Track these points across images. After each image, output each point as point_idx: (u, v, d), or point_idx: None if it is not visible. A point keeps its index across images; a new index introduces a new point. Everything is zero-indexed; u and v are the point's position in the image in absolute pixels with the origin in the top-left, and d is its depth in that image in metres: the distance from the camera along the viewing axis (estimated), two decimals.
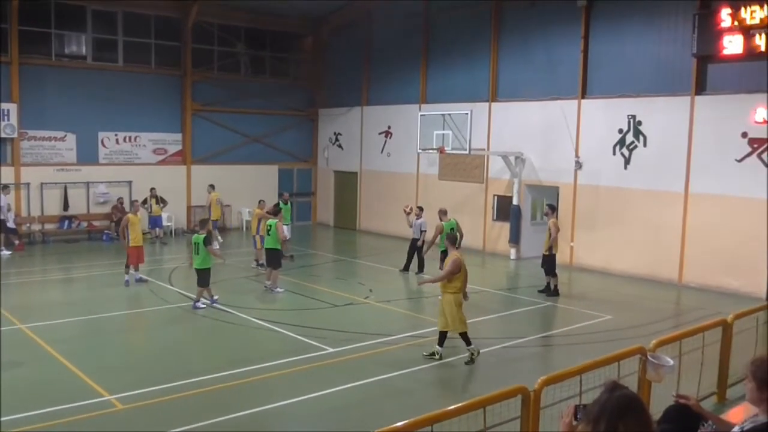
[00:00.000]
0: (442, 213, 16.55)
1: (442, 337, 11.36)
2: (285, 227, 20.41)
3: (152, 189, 23.70)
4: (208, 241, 14.87)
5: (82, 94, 23.93)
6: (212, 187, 24.14)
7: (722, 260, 17.28)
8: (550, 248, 16.26)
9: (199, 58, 26.55)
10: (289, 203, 21.58)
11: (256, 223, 19.51)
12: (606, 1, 19.66)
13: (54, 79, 23.44)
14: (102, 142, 24.68)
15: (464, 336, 11.24)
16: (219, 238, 23.27)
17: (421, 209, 19.10)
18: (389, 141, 26.47)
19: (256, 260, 19.34)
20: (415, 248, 18.64)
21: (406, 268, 18.86)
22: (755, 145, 16.70)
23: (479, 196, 23.14)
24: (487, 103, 22.66)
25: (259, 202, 20.20)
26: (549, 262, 16.42)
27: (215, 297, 14.96)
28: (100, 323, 13.61)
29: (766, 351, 9.11)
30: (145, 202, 23.48)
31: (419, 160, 24.96)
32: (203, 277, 14.67)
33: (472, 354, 11.23)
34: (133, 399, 9.29)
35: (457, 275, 11.16)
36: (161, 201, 23.86)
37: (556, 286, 16.51)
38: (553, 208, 16.92)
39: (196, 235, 14.98)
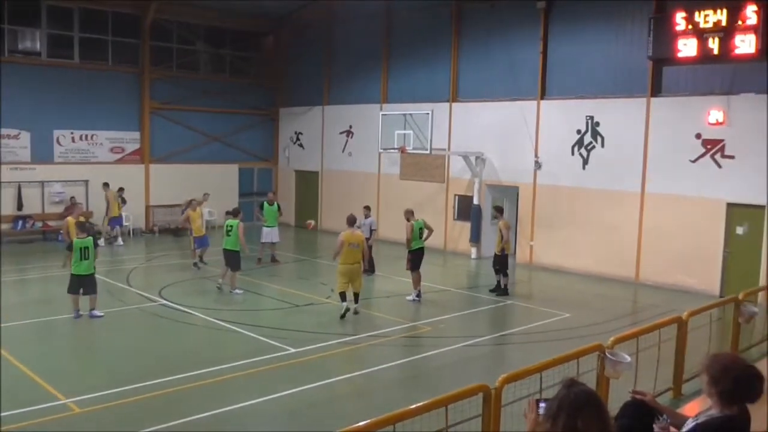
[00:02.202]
0: (410, 213, 16.38)
1: (356, 297, 14.25)
2: (269, 229, 19.75)
3: (120, 189, 23.49)
4: (95, 245, 13.65)
5: (36, 92, 23.39)
6: (107, 185, 23.43)
7: (677, 258, 17.64)
8: (502, 248, 16.44)
9: (157, 55, 26.21)
10: (275, 204, 20.26)
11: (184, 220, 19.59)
12: (565, 3, 19.94)
13: (7, 76, 22.80)
14: (57, 140, 24.19)
15: (342, 294, 14.09)
16: (115, 236, 23.17)
17: (368, 208, 18.99)
18: (350, 140, 26.46)
19: (195, 262, 19.18)
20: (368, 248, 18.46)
21: (371, 270, 18.67)
22: (709, 146, 17.10)
23: (440, 195, 23.26)
24: (447, 104, 22.79)
25: (190, 201, 19.68)
26: (501, 262, 16.58)
27: (79, 311, 13.50)
28: (55, 325, 13.34)
29: (719, 347, 9.35)
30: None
31: (380, 159, 24.99)
32: (90, 284, 13.50)
33: (348, 310, 13.98)
34: (90, 402, 9.13)
35: (344, 250, 13.89)
36: (124, 201, 23.63)
37: (506, 285, 16.64)
38: (500, 210, 17.07)
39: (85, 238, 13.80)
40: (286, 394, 9.66)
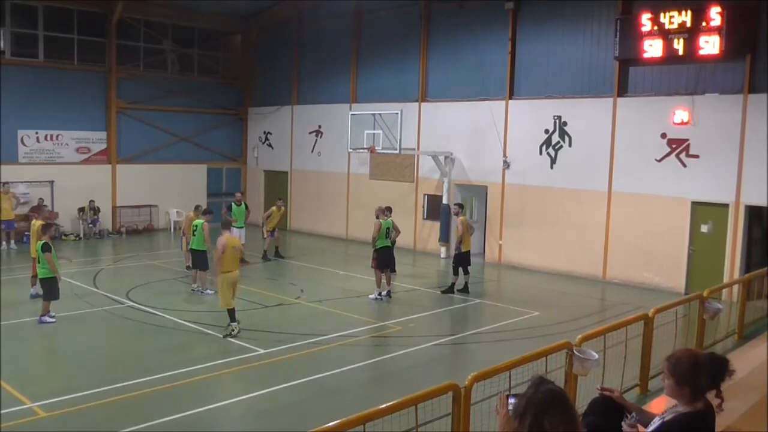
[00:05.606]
0: (381, 212, 16.42)
1: (231, 313, 12.52)
2: (237, 231, 19.35)
3: (91, 201, 24.23)
4: (46, 248, 13.00)
5: None
6: (2, 184, 22.64)
7: (643, 257, 17.89)
8: (458, 246, 16.49)
9: (124, 54, 25.84)
10: (243, 204, 20.36)
11: (186, 226, 19.05)
12: (533, 4, 20.10)
13: None
14: (22, 140, 23.75)
15: (231, 312, 12.45)
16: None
17: (390, 209, 18.72)
18: (320, 140, 26.39)
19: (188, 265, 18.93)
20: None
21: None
22: (674, 146, 17.36)
23: (410, 195, 23.30)
24: (416, 103, 22.84)
25: (196, 207, 19.46)
26: (457, 261, 16.57)
27: (53, 315, 13.27)
28: (21, 328, 13.07)
29: (684, 343, 9.48)
30: (82, 210, 24.00)
31: (350, 159, 24.96)
32: (49, 289, 13.09)
33: (232, 331, 12.36)
34: (57, 406, 8.98)
35: (227, 255, 12.45)
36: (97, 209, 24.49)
37: (453, 284, 16.62)
38: (462, 207, 17.11)
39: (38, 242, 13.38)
40: (255, 395, 9.61)
